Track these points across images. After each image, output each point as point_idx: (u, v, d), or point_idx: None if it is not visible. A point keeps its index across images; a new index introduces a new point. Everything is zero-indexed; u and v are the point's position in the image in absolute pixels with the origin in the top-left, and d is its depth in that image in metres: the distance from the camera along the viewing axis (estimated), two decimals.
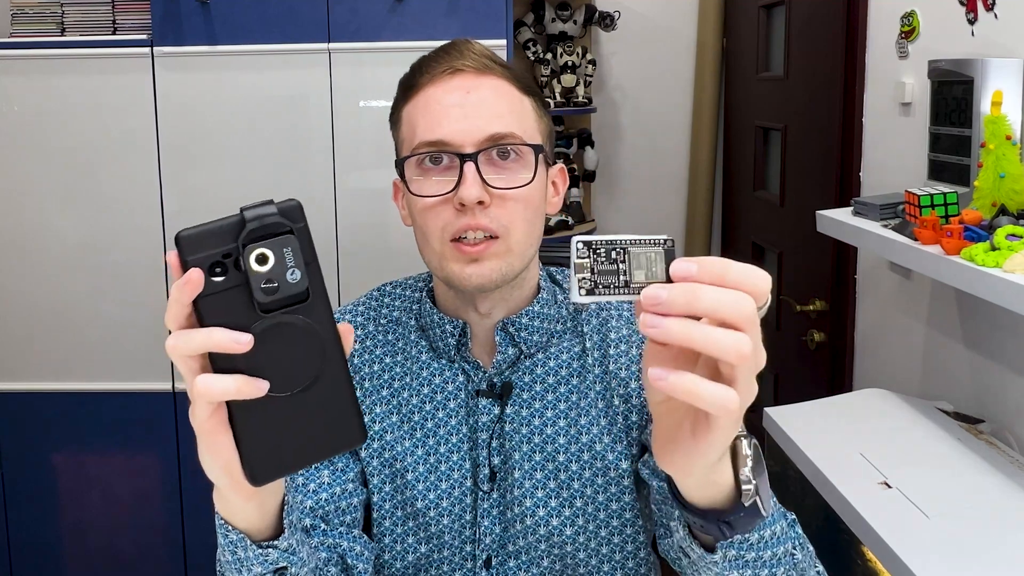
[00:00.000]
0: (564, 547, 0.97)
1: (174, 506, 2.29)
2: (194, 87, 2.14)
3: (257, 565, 0.73)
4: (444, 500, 0.98)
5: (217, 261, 0.54)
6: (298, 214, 0.56)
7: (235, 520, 0.70)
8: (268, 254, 0.54)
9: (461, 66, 0.93)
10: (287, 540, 0.73)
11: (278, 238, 0.55)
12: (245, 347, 0.54)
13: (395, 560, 1.00)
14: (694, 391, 0.53)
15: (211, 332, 0.54)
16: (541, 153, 0.94)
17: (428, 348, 1.02)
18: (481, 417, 0.98)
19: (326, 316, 0.57)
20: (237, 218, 0.55)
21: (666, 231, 2.65)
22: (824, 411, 1.63)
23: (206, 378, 0.55)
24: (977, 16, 1.54)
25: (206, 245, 0.54)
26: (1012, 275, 1.15)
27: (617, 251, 0.56)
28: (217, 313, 0.55)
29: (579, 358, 1.01)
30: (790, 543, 0.77)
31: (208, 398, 0.56)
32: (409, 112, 0.96)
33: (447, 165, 0.91)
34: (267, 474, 0.58)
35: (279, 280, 0.54)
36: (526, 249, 0.94)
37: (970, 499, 1.26)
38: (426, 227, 0.92)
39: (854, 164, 2.01)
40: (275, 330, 0.55)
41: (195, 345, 0.55)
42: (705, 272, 0.54)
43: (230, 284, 0.55)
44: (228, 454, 0.58)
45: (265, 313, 0.55)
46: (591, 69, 2.72)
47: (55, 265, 2.22)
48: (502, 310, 0.98)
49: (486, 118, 0.91)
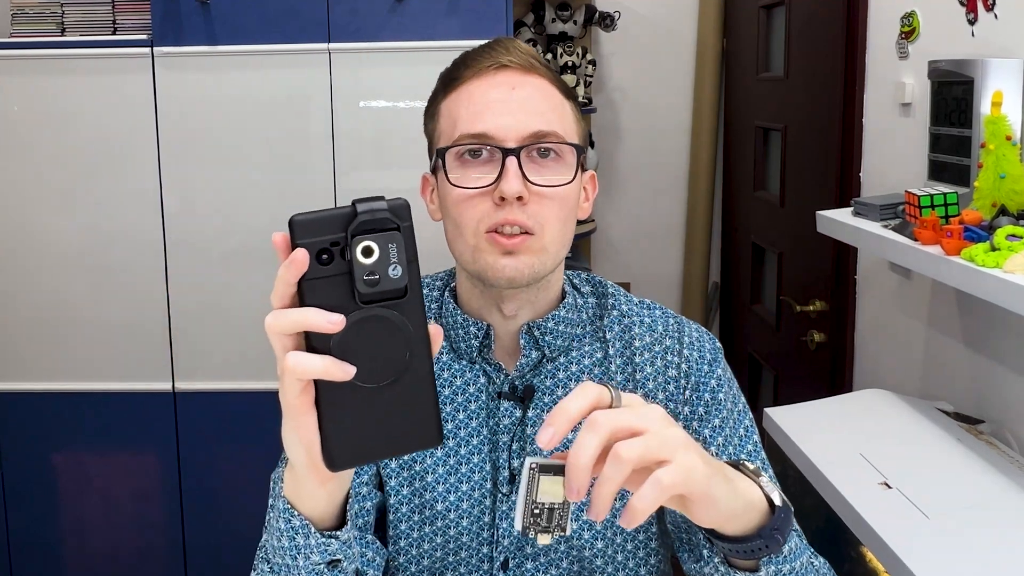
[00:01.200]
0: (582, 551, 0.97)
1: (174, 506, 2.29)
2: (194, 87, 2.14)
3: (316, 553, 0.73)
4: (464, 502, 0.97)
5: (325, 248, 0.56)
6: (406, 213, 0.57)
7: (302, 505, 0.71)
8: (374, 247, 0.56)
9: (507, 62, 0.93)
10: (348, 532, 0.74)
11: (385, 233, 0.56)
12: (337, 327, 0.56)
13: (411, 563, 0.99)
14: (645, 500, 0.62)
15: (306, 312, 0.56)
16: (582, 154, 0.94)
17: (449, 349, 1.01)
18: (503, 420, 0.98)
19: (420, 315, 0.58)
20: (349, 209, 0.57)
21: (666, 231, 2.66)
22: (824, 411, 1.63)
23: (297, 355, 0.57)
24: (977, 16, 1.54)
25: (317, 231, 0.56)
26: (1012, 275, 1.15)
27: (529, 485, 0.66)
28: (318, 297, 0.57)
29: (600, 364, 1.00)
30: (806, 553, 0.81)
31: (297, 374, 0.57)
32: (450, 105, 0.95)
33: (487, 159, 0.91)
34: (345, 460, 0.60)
35: (381, 274, 0.56)
36: (559, 249, 0.94)
37: (970, 499, 1.26)
38: (461, 218, 0.92)
39: (854, 164, 2.02)
40: (370, 322, 0.57)
41: (289, 323, 0.57)
42: (558, 425, 0.63)
43: (334, 272, 0.57)
44: (311, 435, 0.60)
45: (364, 304, 0.57)
46: (591, 69, 2.72)
47: (55, 265, 2.22)
48: (528, 313, 0.98)
49: (530, 115, 0.91)
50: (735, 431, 0.99)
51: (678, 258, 3.06)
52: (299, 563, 0.74)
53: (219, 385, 2.23)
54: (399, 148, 2.14)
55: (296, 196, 2.16)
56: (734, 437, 0.98)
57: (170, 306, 2.22)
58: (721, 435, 0.97)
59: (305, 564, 0.74)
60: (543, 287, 0.97)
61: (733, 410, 1.00)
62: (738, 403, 1.01)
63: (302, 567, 0.74)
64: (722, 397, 0.99)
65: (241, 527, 2.17)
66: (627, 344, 1.01)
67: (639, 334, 1.01)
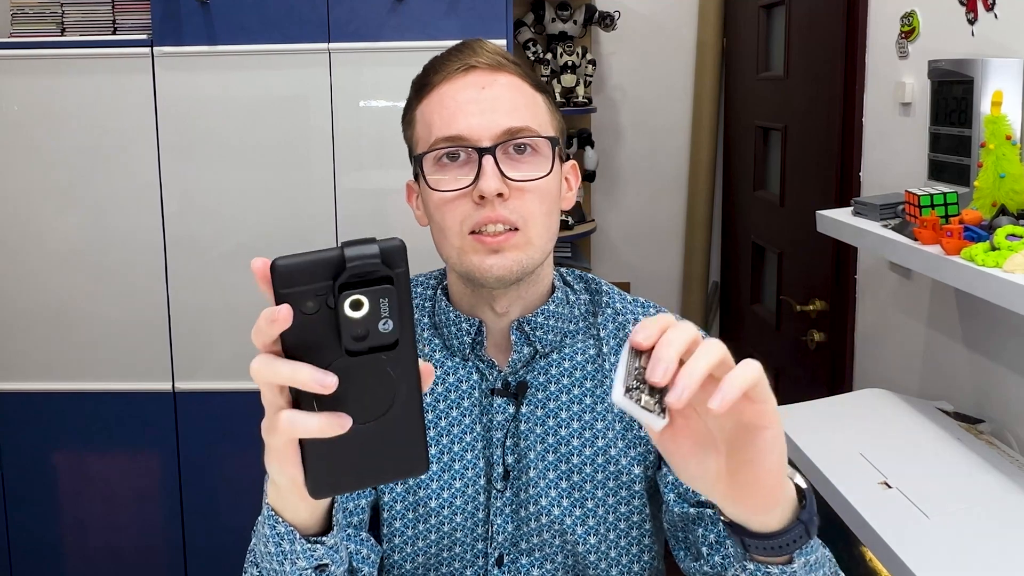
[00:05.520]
0: (576, 545, 0.98)
1: (174, 506, 2.29)
2: (194, 87, 2.14)
3: (303, 559, 0.73)
4: (458, 498, 0.98)
5: (310, 297, 0.53)
6: (399, 257, 0.54)
7: (286, 514, 0.71)
8: (363, 301, 0.52)
9: (475, 63, 0.94)
10: (334, 538, 0.74)
11: (376, 287, 0.52)
12: (329, 390, 0.53)
13: (405, 560, 0.99)
14: (739, 381, 0.58)
15: (297, 369, 0.54)
16: (557, 146, 0.95)
17: (442, 346, 1.02)
18: (496, 416, 0.98)
19: (411, 362, 0.56)
20: (337, 254, 0.52)
21: (666, 231, 2.66)
22: (824, 411, 1.63)
23: (291, 416, 0.55)
24: (977, 16, 1.54)
25: (301, 280, 0.53)
26: (1012, 275, 1.15)
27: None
28: (303, 344, 0.54)
29: (594, 361, 1.01)
30: (820, 546, 0.81)
31: (291, 435, 0.56)
32: (424, 111, 0.96)
33: (464, 160, 0.92)
34: (327, 491, 0.59)
35: (371, 329, 0.53)
36: (545, 242, 0.95)
37: (970, 499, 1.26)
38: (444, 221, 0.93)
39: (854, 164, 2.01)
40: (359, 368, 0.54)
41: (280, 378, 0.55)
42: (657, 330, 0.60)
43: (320, 320, 0.53)
44: (294, 469, 0.59)
45: (350, 354, 0.54)
46: (591, 69, 2.72)
47: (55, 265, 2.22)
48: (518, 309, 0.98)
49: (502, 112, 0.92)
50: None
51: (678, 258, 3.06)
52: (286, 568, 0.74)
53: (219, 385, 2.23)
54: (399, 148, 2.11)
55: (296, 196, 2.16)
56: None
57: (170, 306, 2.22)
58: None
59: (292, 570, 0.74)
60: (532, 282, 0.97)
61: None
62: None
63: (289, 572, 0.74)
64: None
65: (241, 527, 2.16)
66: (622, 341, 1.01)
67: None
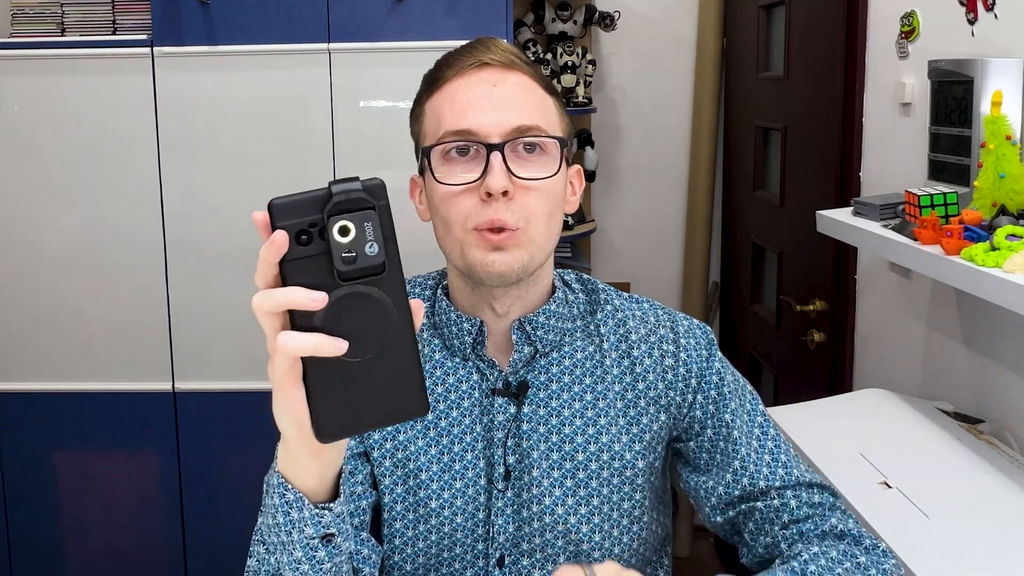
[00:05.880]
0: (580, 545, 0.98)
1: (174, 506, 2.29)
2: (194, 87, 2.14)
3: (310, 526, 0.73)
4: (458, 499, 0.98)
5: (303, 229, 0.59)
6: (380, 192, 0.60)
7: (296, 478, 0.72)
8: (350, 226, 0.59)
9: (488, 60, 0.94)
10: (342, 506, 0.74)
11: (360, 212, 0.59)
12: (319, 304, 0.59)
13: (405, 561, 0.99)
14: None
15: (290, 291, 0.59)
16: (565, 148, 0.95)
17: (442, 346, 1.02)
18: (497, 416, 0.98)
19: (400, 290, 0.61)
20: (324, 191, 0.59)
21: (666, 231, 2.67)
22: (824, 411, 1.63)
23: (287, 334, 0.60)
24: (977, 16, 1.54)
25: (294, 213, 0.59)
26: (1012, 275, 1.15)
27: None
28: (300, 277, 0.59)
29: (593, 358, 1.01)
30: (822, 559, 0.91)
31: (288, 352, 0.60)
32: (434, 104, 0.96)
33: (472, 156, 0.92)
34: (334, 432, 0.63)
35: (358, 251, 0.59)
36: (546, 243, 0.95)
37: (970, 499, 1.26)
38: (448, 215, 0.93)
39: (854, 164, 2.01)
40: (351, 299, 0.60)
41: (276, 302, 0.60)
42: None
43: (314, 252, 0.59)
44: (299, 409, 0.63)
45: (344, 282, 0.59)
46: (591, 69, 2.72)
47: (55, 265, 2.22)
48: (519, 308, 0.99)
49: (513, 110, 0.92)
50: (752, 415, 1.02)
51: (678, 258, 3.06)
52: (293, 538, 0.74)
53: (219, 385, 2.23)
54: (399, 148, 2.12)
55: None
56: (746, 415, 1.02)
57: (170, 306, 2.22)
58: (739, 418, 1.01)
59: (300, 538, 0.74)
60: (533, 282, 0.98)
61: (741, 391, 1.03)
62: (739, 381, 1.04)
63: (296, 542, 0.74)
64: (729, 380, 1.02)
65: (241, 527, 2.16)
66: (623, 338, 1.02)
67: (634, 327, 1.03)
